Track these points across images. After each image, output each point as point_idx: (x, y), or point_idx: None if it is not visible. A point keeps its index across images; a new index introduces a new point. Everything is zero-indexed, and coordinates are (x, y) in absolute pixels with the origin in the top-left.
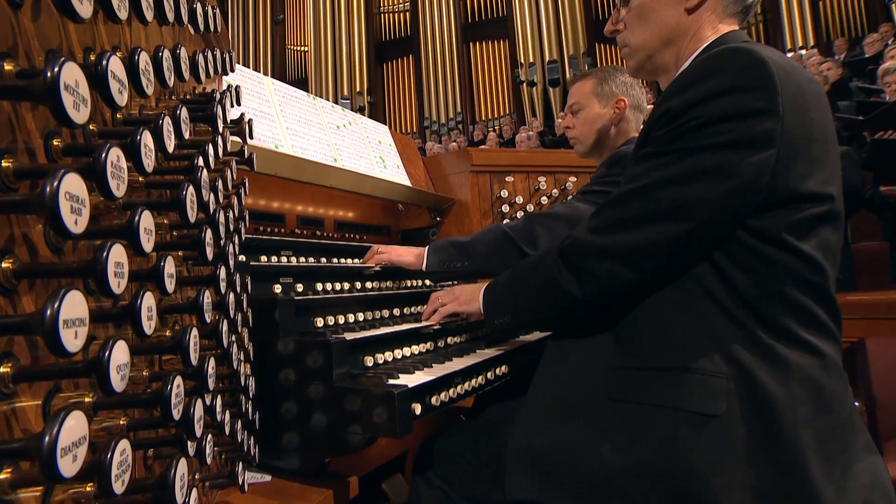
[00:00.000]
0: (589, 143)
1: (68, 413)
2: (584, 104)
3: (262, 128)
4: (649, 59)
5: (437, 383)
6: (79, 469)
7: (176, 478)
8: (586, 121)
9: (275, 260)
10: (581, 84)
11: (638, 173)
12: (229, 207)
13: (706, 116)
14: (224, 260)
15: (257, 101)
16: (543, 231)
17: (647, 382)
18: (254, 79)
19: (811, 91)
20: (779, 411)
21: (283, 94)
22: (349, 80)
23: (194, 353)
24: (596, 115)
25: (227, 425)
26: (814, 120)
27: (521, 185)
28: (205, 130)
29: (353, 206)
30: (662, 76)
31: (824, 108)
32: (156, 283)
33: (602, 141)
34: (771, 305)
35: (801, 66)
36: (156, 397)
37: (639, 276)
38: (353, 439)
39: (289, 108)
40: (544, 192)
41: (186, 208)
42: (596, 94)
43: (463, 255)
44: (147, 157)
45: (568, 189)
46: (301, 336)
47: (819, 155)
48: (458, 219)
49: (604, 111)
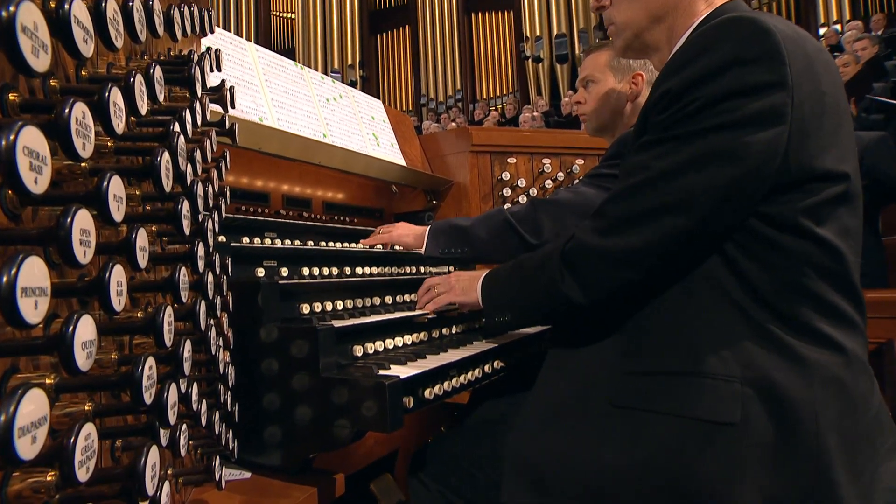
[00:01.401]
0: (601, 120)
1: (27, 390)
2: (598, 77)
3: (245, 98)
4: (637, 38)
5: (431, 375)
6: (38, 452)
7: (147, 467)
8: (599, 96)
9: (258, 242)
10: (596, 56)
11: (639, 164)
12: (208, 182)
13: (708, 95)
14: (202, 236)
15: (239, 68)
16: (548, 219)
17: (652, 388)
18: (236, 44)
19: (821, 61)
20: (800, 417)
21: (269, 62)
22: (340, 51)
23: (169, 334)
24: (610, 89)
25: (203, 416)
26: (825, 93)
27: (525, 167)
28: (181, 97)
29: (343, 187)
30: (654, 55)
31: (835, 80)
32: (126, 257)
33: (615, 119)
34: (788, 299)
35: (808, 35)
36: (126, 379)
37: (645, 277)
38: (340, 434)
39: (274, 78)
40: (549, 175)
41: (161, 176)
42: (612, 68)
43: (463, 241)
44: (117, 116)
45: (574, 172)
46: (285, 323)
47: (832, 129)
48: (456, 202)
49: (619, 86)
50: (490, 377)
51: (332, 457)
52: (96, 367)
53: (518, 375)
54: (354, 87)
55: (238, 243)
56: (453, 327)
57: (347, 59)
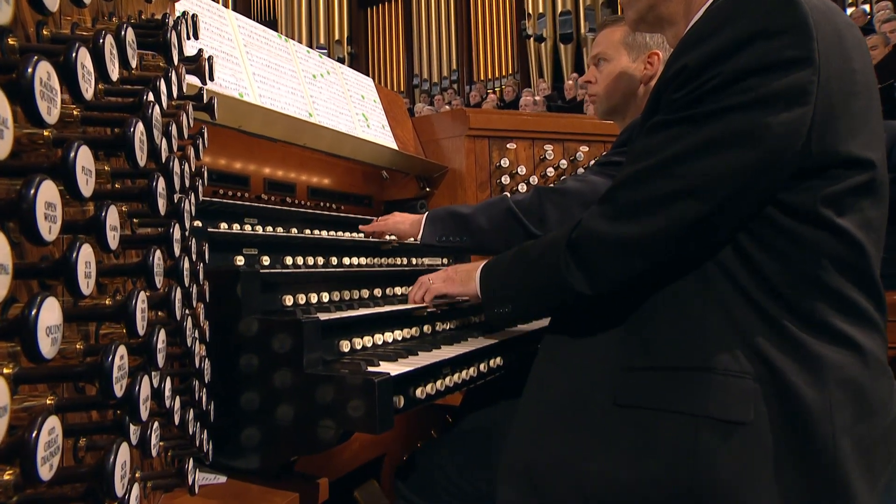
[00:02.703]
0: (612, 101)
1: None
2: (610, 55)
3: (224, 72)
4: (651, 9)
5: (424, 373)
6: None
7: (116, 465)
8: (612, 75)
9: (237, 228)
10: (609, 31)
11: (652, 146)
12: (184, 160)
13: (727, 72)
14: (178, 218)
15: (218, 38)
16: (554, 210)
17: (660, 385)
18: (213, 11)
19: (852, 37)
20: (814, 418)
21: (250, 32)
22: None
23: (142, 322)
24: (624, 69)
25: (176, 414)
26: (855, 71)
27: (525, 154)
28: (154, 65)
29: (329, 171)
30: (668, 30)
31: (866, 58)
32: (95, 237)
33: (627, 101)
34: (804, 294)
35: (838, 7)
36: (95, 369)
37: (655, 267)
38: (324, 435)
39: (256, 51)
40: (551, 162)
41: (135, 149)
42: (626, 45)
43: (462, 230)
44: (85, 80)
45: (578, 160)
46: (266, 315)
47: (860, 112)
48: (451, 189)
49: (633, 65)
50: (486, 377)
51: (314, 460)
52: (59, 359)
53: (517, 375)
54: (342, 64)
55: (216, 229)
56: (448, 323)
57: (334, 35)
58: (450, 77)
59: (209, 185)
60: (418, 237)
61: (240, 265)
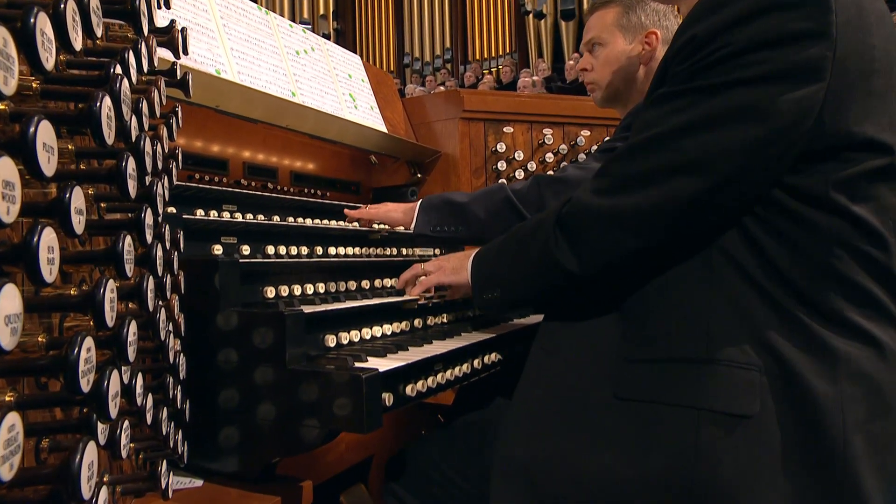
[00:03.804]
0: (611, 88)
1: None
2: (604, 39)
3: (200, 46)
4: None
5: (414, 369)
6: None
7: (83, 465)
8: (608, 60)
9: (214, 215)
10: (601, 14)
11: (652, 119)
12: (157, 140)
13: (736, 43)
14: (151, 202)
15: (192, 9)
16: (554, 199)
17: (661, 376)
18: None
19: (874, 10)
20: (824, 412)
21: (228, 4)
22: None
23: (111, 313)
24: (620, 52)
25: (148, 413)
26: (875, 47)
27: (523, 138)
28: (122, 37)
29: (314, 155)
30: (683, 1)
31: (890, 34)
32: (59, 221)
33: (627, 86)
34: (817, 284)
35: None
36: (59, 362)
37: (650, 246)
38: (308, 435)
39: (234, 24)
40: (550, 147)
41: (102, 125)
42: (620, 27)
43: (458, 219)
44: (45, 49)
45: (579, 145)
46: (247, 308)
47: (880, 91)
48: (444, 176)
49: (629, 47)
50: (481, 373)
51: (297, 462)
52: (19, 352)
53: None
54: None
55: (191, 216)
56: (440, 316)
57: (319, 9)
58: (443, 56)
59: (184, 170)
60: (411, 226)
61: (218, 254)
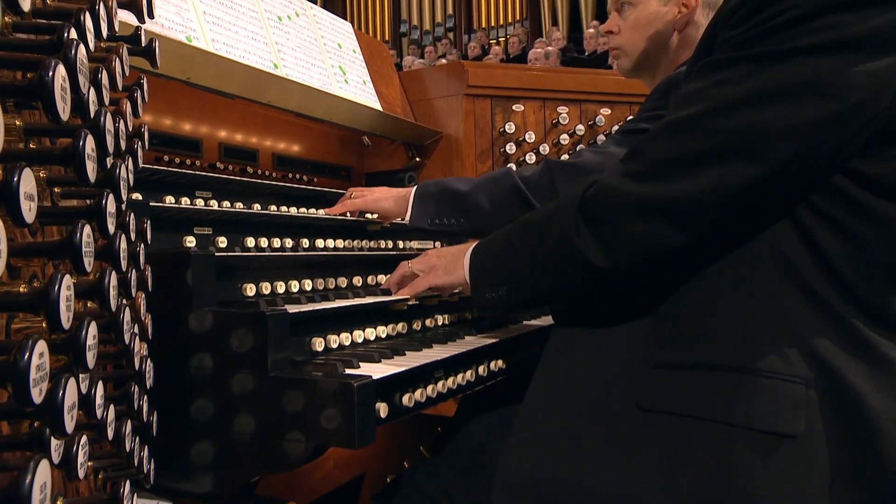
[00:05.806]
0: (639, 55)
1: None
2: None
3: (167, 9)
4: None
5: (412, 376)
6: None
7: (34, 488)
8: (638, 23)
9: (186, 202)
10: None
11: (697, 92)
12: (119, 116)
13: (802, 6)
14: (113, 186)
15: None
16: (567, 187)
17: (691, 386)
18: None
19: None
20: (880, 431)
21: None
22: None
23: (67, 313)
24: (652, 14)
25: (110, 427)
26: None
27: (535, 117)
28: None
29: (299, 136)
30: None
31: None
32: (6, 208)
33: (658, 53)
34: (879, 287)
35: None
36: (6, 369)
37: (690, 241)
38: (292, 450)
39: None
40: (566, 127)
41: (55, 98)
42: None
43: (458, 210)
44: None
45: (598, 125)
46: (223, 307)
47: None
48: (446, 159)
49: (664, 10)
50: (485, 382)
51: (280, 481)
52: None
53: (522, 382)
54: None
55: (160, 203)
56: (440, 318)
57: None
58: (444, 24)
59: (151, 150)
60: (406, 218)
61: (190, 247)
